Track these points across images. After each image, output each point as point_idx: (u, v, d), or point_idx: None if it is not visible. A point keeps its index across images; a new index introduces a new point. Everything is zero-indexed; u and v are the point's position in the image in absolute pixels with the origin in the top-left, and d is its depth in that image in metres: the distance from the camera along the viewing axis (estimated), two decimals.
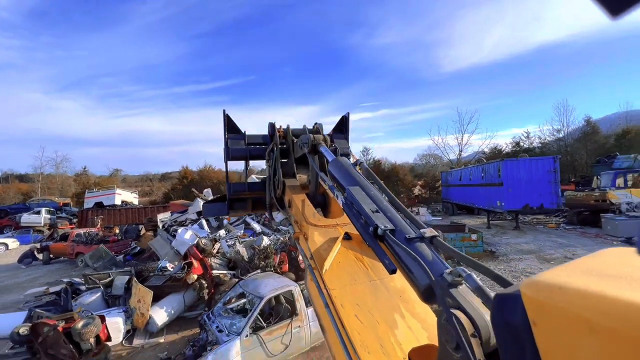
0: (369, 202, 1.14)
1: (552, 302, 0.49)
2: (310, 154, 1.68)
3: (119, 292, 7.50)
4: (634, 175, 15.90)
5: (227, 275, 7.71)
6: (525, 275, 9.32)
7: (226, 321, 5.49)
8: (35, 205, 26.34)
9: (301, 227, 1.67)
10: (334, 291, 1.34)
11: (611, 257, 0.59)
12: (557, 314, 0.48)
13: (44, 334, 5.49)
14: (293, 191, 1.83)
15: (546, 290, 0.51)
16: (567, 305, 0.47)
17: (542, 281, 0.53)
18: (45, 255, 14.17)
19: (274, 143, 1.89)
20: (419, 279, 0.87)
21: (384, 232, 1.00)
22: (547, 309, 0.50)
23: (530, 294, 0.53)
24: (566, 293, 0.48)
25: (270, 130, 1.95)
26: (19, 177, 60.97)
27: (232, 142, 1.97)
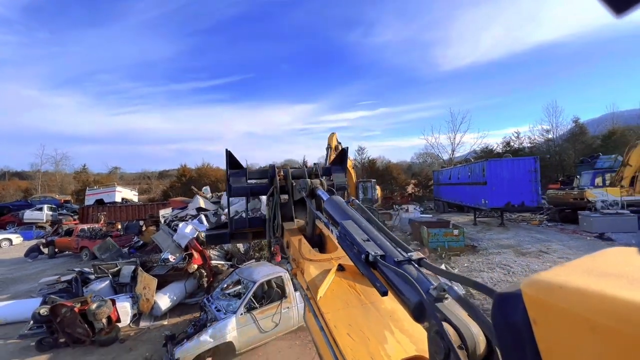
0: (360, 232, 1.22)
1: (552, 301, 0.49)
2: (308, 197, 1.72)
3: (125, 280, 8.21)
4: (612, 174, 16.75)
5: (224, 266, 8.43)
6: (500, 267, 10.10)
7: (224, 303, 6.22)
8: (37, 203, 26.95)
9: (298, 264, 1.72)
10: (327, 314, 1.39)
11: (612, 257, 0.59)
12: (557, 313, 0.48)
13: (62, 314, 6.21)
14: (291, 233, 1.89)
15: (547, 290, 0.51)
16: (568, 305, 0.47)
17: (543, 280, 0.53)
18: (50, 250, 14.84)
19: (274, 187, 1.94)
20: (409, 297, 0.90)
21: (374, 258, 1.06)
22: (548, 308, 0.50)
23: (531, 293, 0.53)
24: (567, 292, 0.48)
25: (271, 173, 1.98)
26: (15, 174, 61.25)
27: (233, 179, 2.03)
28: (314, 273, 1.60)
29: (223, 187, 30.98)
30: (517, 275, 9.26)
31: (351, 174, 20.07)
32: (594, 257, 0.60)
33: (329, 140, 16.29)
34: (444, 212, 25.04)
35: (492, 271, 9.82)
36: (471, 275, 9.62)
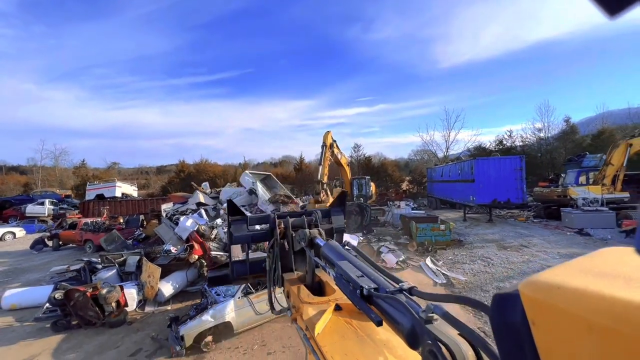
0: (355, 270, 1.28)
1: (551, 301, 0.49)
2: (307, 247, 1.78)
3: (131, 269, 8.82)
4: (595, 173, 17.47)
5: (223, 256, 9.04)
6: (481, 260, 10.78)
7: (223, 288, 6.85)
8: (39, 197, 27.44)
9: (297, 309, 1.76)
10: (324, 347, 1.45)
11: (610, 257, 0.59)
12: (556, 313, 0.48)
13: (75, 298, 6.83)
14: (291, 283, 1.95)
15: (545, 290, 0.51)
16: (566, 305, 0.47)
17: (541, 281, 0.53)
18: (55, 242, 15.42)
19: (274, 239, 1.98)
20: (402, 323, 0.94)
21: (368, 292, 1.10)
22: (546, 308, 0.50)
23: (529, 294, 0.53)
24: (565, 292, 0.48)
25: (271, 224, 2.01)
26: (12, 168, 61.43)
27: (235, 227, 2.06)
28: (311, 313, 1.65)
29: (221, 183, 31.53)
30: (495, 267, 9.93)
31: (346, 170, 20.70)
32: (592, 257, 0.61)
33: (324, 139, 16.85)
34: (437, 208, 25.76)
35: (474, 263, 10.49)
36: (454, 267, 10.31)
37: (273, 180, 16.08)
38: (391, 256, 10.60)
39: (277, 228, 2.02)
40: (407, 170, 44.58)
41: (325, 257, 1.61)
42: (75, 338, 6.66)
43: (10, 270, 11.98)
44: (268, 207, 12.83)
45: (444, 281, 9.10)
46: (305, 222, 2.03)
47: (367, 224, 16.24)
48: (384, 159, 45.91)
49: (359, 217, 16.09)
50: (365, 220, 16.13)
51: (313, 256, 1.75)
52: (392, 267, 10.32)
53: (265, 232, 2.11)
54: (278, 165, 59.51)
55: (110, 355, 5.92)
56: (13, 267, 12.45)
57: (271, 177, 16.41)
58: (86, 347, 6.25)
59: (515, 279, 8.73)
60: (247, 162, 50.15)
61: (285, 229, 2.01)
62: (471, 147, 36.97)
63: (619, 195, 15.69)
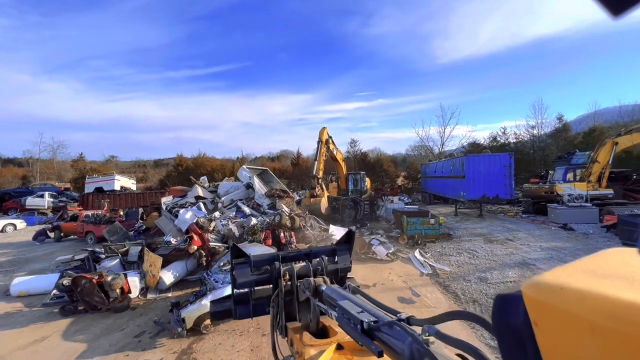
0: (355, 307, 1.32)
1: (553, 302, 0.49)
2: (312, 296, 1.76)
3: (133, 259, 9.27)
4: (582, 170, 18.04)
5: (221, 247, 9.53)
6: (467, 252, 11.32)
7: (221, 276, 7.34)
8: (38, 190, 27.76)
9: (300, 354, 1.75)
10: None
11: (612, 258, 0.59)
12: (558, 314, 0.48)
13: (82, 285, 7.29)
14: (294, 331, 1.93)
15: (548, 291, 0.51)
16: (569, 306, 0.46)
17: (544, 282, 0.53)
18: (57, 234, 15.84)
19: (279, 289, 1.94)
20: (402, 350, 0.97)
21: (368, 325, 1.14)
22: (549, 309, 0.49)
23: (532, 295, 0.53)
24: (568, 294, 0.48)
25: (276, 274, 1.97)
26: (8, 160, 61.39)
27: (238, 272, 2.03)
28: (312, 353, 1.65)
29: (219, 177, 31.89)
30: (480, 259, 10.47)
31: (342, 166, 21.17)
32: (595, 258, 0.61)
33: (320, 135, 17.29)
34: (430, 203, 26.34)
35: (460, 255, 11.04)
36: (441, 259, 10.85)
37: (269, 175, 16.53)
38: (381, 248, 11.12)
39: (282, 279, 1.96)
40: (404, 166, 45.09)
41: (327, 301, 1.64)
42: (82, 322, 7.13)
43: (15, 260, 12.41)
44: (264, 200, 13.29)
45: (430, 271, 9.63)
46: (311, 269, 2.00)
47: (361, 218, 16.76)
48: (381, 154, 46.54)
49: (352, 211, 16.60)
50: (359, 214, 16.64)
51: (318, 304, 1.74)
52: (382, 258, 10.85)
53: (269, 275, 2.04)
54: (276, 159, 59.85)
55: (117, 336, 6.40)
56: (17, 257, 12.87)
57: (267, 171, 16.85)
58: (93, 329, 6.73)
59: (496, 270, 9.26)
60: (244, 157, 50.46)
61: (291, 278, 1.96)
62: (466, 144, 37.62)
63: (603, 192, 16.28)
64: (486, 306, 7.06)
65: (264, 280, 2.05)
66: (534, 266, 9.32)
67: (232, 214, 11.71)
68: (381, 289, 8.44)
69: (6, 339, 6.40)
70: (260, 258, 2.12)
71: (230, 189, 14.36)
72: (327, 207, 16.43)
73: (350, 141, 42.30)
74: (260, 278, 2.04)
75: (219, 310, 2.24)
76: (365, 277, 9.16)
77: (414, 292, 8.08)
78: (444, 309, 7.06)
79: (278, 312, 1.97)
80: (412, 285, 8.62)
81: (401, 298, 7.78)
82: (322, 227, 12.15)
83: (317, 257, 2.20)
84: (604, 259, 0.60)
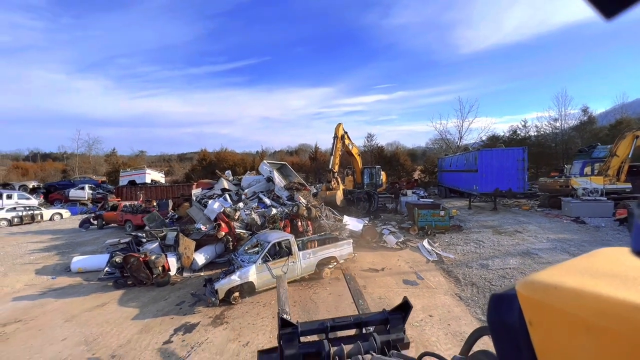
0: None
1: (547, 301, 0.49)
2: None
3: (170, 242, 10.60)
4: (600, 164, 17.90)
5: (245, 234, 10.68)
6: (474, 243, 11.91)
7: (246, 257, 8.45)
8: (79, 182, 30.42)
9: None
10: None
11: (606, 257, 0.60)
12: (552, 313, 0.48)
13: (131, 262, 8.61)
14: None
15: (542, 290, 0.51)
16: (563, 305, 0.47)
17: (538, 281, 0.53)
18: (99, 222, 17.72)
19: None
20: None
21: None
22: (543, 308, 0.50)
23: (526, 294, 0.53)
24: (562, 293, 0.48)
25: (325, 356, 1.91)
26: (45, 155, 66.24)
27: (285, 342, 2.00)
28: None
29: (240, 171, 33.45)
30: (485, 248, 11.07)
31: (357, 160, 21.93)
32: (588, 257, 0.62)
33: (336, 131, 18.09)
34: (446, 197, 26.62)
35: (466, 245, 11.66)
36: (448, 248, 11.53)
37: (288, 169, 17.61)
38: (391, 237, 11.93)
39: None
40: (423, 159, 44.93)
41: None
42: (132, 293, 8.47)
43: (68, 244, 14.21)
44: (283, 192, 14.37)
45: (436, 259, 10.37)
46: (362, 349, 1.91)
47: (375, 210, 17.55)
48: (399, 147, 46.59)
49: (366, 204, 17.41)
50: (373, 206, 17.44)
51: None
52: (392, 247, 11.67)
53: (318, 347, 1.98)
54: (294, 153, 60.98)
55: (162, 304, 7.66)
56: (69, 242, 14.69)
57: (286, 166, 17.94)
58: (142, 298, 8.04)
59: (498, 258, 9.87)
60: (264, 151, 52.03)
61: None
62: (484, 137, 37.15)
63: (621, 186, 16.20)
64: (482, 288, 7.79)
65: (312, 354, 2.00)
66: (536, 255, 9.84)
67: (255, 205, 12.86)
68: (389, 273, 9.30)
69: (74, 304, 7.81)
70: (309, 327, 2.08)
71: (253, 182, 15.57)
72: (342, 199, 17.33)
73: (367, 135, 42.79)
74: (308, 351, 1.99)
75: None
76: (375, 263, 10.05)
77: (418, 276, 8.89)
78: (444, 290, 7.86)
79: None
80: (417, 270, 9.42)
81: (406, 280, 8.62)
82: (336, 218, 13.07)
83: (367, 326, 2.14)
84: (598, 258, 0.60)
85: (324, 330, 2.07)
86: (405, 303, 2.14)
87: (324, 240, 9.83)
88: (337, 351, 1.87)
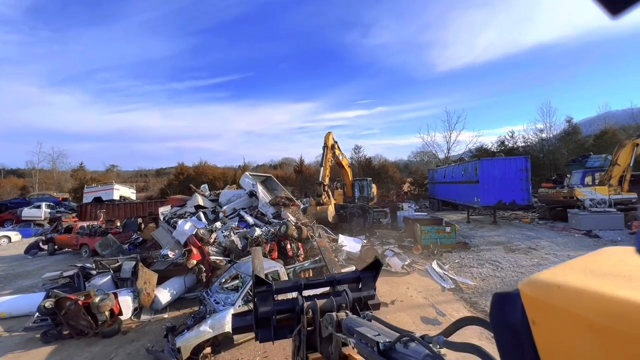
0: (372, 332, 1.42)
1: (551, 301, 0.49)
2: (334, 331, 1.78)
3: (126, 275, 8.46)
4: (601, 174, 17.17)
5: (222, 261, 8.70)
6: (489, 264, 10.44)
7: (222, 296, 6.51)
8: (35, 200, 27.06)
9: None
10: None
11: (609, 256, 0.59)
12: (556, 313, 0.48)
13: (66, 307, 6.48)
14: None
15: (545, 290, 0.50)
16: (566, 304, 0.46)
17: (541, 280, 0.53)
18: (50, 247, 15.04)
19: (301, 325, 1.96)
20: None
21: (384, 345, 1.21)
22: (546, 308, 0.49)
23: (529, 293, 0.53)
24: (565, 292, 0.48)
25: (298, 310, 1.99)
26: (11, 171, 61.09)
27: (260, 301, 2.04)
28: None
29: (220, 185, 31.15)
30: (505, 270, 9.60)
31: (347, 172, 20.40)
32: (591, 256, 0.61)
33: (325, 140, 16.56)
34: (439, 210, 25.43)
35: (482, 267, 10.16)
36: (461, 271, 9.98)
37: (274, 182, 15.74)
38: (396, 260, 10.26)
39: (305, 315, 1.95)
40: (406, 172, 44.36)
41: (347, 329, 1.67)
42: (66, 349, 6.30)
43: (3, 276, 11.60)
44: (269, 209, 12.49)
45: (452, 286, 8.76)
46: (335, 304, 1.97)
47: (370, 227, 15.90)
48: (384, 160, 45.70)
49: (361, 219, 15.74)
50: (368, 222, 15.79)
51: (338, 335, 1.73)
52: (397, 271, 9.99)
53: (292, 304, 2.06)
54: (278, 167, 59.28)
55: None
56: (6, 273, 12.06)
57: (272, 179, 16.07)
58: (77, 359, 5.90)
59: None
60: (246, 164, 49.82)
61: (314, 315, 1.95)
62: (473, 148, 36.74)
63: (626, 196, 15.40)
64: None
65: (286, 310, 2.06)
66: None
67: (235, 224, 10.91)
68: (401, 307, 7.58)
69: None
70: (283, 286, 2.16)
71: (233, 197, 13.58)
72: (334, 216, 15.60)
73: (355, 147, 41.66)
74: (282, 308, 2.05)
75: (241, 325, 2.27)
76: (381, 293, 8.30)
77: (438, 311, 7.21)
78: (476, 332, 6.18)
79: (300, 345, 2.00)
80: (434, 302, 7.76)
81: (425, 318, 6.92)
82: (330, 238, 11.31)
83: (340, 284, 2.19)
84: (601, 258, 0.59)
85: (298, 288, 2.13)
86: (376, 261, 2.23)
87: (321, 268, 8.04)
88: (311, 305, 1.94)
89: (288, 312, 2.09)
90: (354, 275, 2.22)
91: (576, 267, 0.57)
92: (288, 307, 2.08)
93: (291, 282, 2.21)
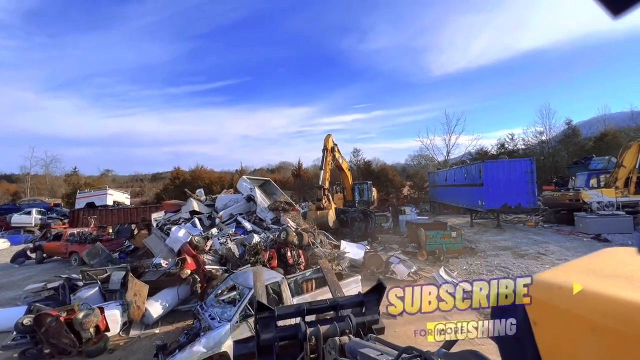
0: (374, 352, 1.47)
1: (552, 302, 0.48)
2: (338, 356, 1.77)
3: (115, 286, 7.89)
4: (606, 176, 16.85)
5: (219, 270, 8.16)
6: (499, 270, 9.99)
7: (218, 310, 5.96)
8: (26, 206, 26.27)
9: None
10: None
11: (610, 257, 0.58)
12: (557, 313, 0.47)
13: (46, 324, 5.91)
14: None
15: (546, 290, 0.50)
16: (567, 305, 0.45)
17: (542, 281, 0.52)
18: (38, 255, 14.37)
19: (304, 353, 1.90)
20: None
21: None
22: (548, 308, 0.49)
23: (531, 294, 0.52)
24: (566, 293, 0.47)
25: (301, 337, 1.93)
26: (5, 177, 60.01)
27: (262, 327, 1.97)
28: None
29: (217, 190, 30.55)
30: None
31: (347, 175, 19.95)
32: (593, 257, 0.61)
33: (325, 142, 16.13)
34: (440, 213, 25.02)
35: (492, 273, 9.71)
36: (470, 278, 9.49)
37: (272, 186, 15.21)
38: (402, 267, 9.76)
39: (308, 342, 1.91)
40: (404, 175, 44.06)
41: (350, 352, 1.67)
42: None
43: None
44: (267, 214, 11.97)
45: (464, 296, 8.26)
46: (338, 330, 1.93)
47: (372, 232, 15.41)
48: (384, 164, 45.39)
49: (363, 224, 15.25)
50: (370, 227, 15.30)
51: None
52: (402, 279, 9.48)
53: (294, 331, 2.01)
54: (275, 171, 58.79)
55: None
56: None
57: (270, 182, 15.55)
58: None
59: None
60: (243, 169, 49.20)
61: (317, 341, 1.90)
62: (473, 151, 36.52)
63: (634, 199, 15.05)
64: None
65: (288, 336, 2.04)
66: None
67: (232, 231, 10.37)
68: (409, 319, 7.01)
69: None
70: (285, 311, 2.16)
71: (230, 202, 13.04)
72: (334, 220, 15.09)
73: (353, 150, 41.27)
74: (284, 335, 2.04)
75: (243, 353, 2.26)
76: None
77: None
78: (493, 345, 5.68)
79: None
80: (445, 312, 7.24)
81: None
82: (332, 244, 10.80)
83: (343, 309, 2.19)
84: (603, 259, 0.59)
85: (301, 313, 2.10)
86: (379, 284, 2.22)
87: (324, 277, 7.50)
88: (314, 332, 1.92)
89: (291, 339, 2.05)
90: (358, 300, 2.22)
91: (577, 268, 0.55)
92: (290, 333, 2.05)
93: (294, 307, 2.21)
